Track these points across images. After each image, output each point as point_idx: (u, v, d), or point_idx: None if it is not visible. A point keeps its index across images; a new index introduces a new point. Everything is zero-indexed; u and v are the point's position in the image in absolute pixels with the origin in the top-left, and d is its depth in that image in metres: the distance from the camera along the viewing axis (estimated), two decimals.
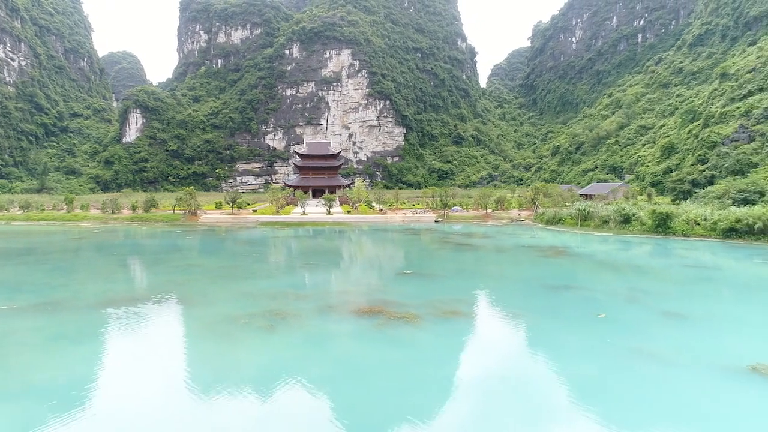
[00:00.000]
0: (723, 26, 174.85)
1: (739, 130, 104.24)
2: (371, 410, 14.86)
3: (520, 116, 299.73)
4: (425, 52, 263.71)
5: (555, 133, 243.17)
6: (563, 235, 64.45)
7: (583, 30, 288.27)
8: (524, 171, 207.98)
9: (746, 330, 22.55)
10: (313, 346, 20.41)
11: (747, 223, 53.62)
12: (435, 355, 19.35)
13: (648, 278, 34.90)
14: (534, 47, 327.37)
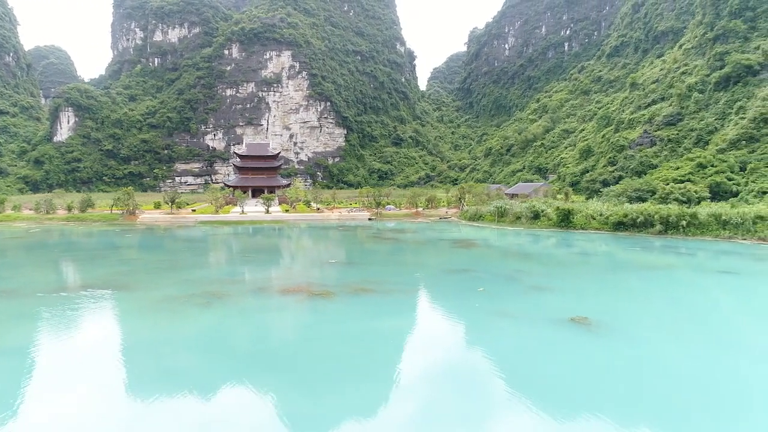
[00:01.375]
0: (636, 39, 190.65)
1: (643, 135, 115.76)
2: (287, 357, 19.76)
3: (458, 119, 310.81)
4: (365, 55, 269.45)
5: (489, 136, 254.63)
6: (482, 230, 71.19)
7: (515, 37, 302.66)
8: (459, 171, 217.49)
9: (582, 297, 29.12)
10: (242, 315, 25.07)
11: (632, 217, 62.08)
12: (341, 318, 24.49)
13: (534, 262, 41.58)
14: (470, 52, 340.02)
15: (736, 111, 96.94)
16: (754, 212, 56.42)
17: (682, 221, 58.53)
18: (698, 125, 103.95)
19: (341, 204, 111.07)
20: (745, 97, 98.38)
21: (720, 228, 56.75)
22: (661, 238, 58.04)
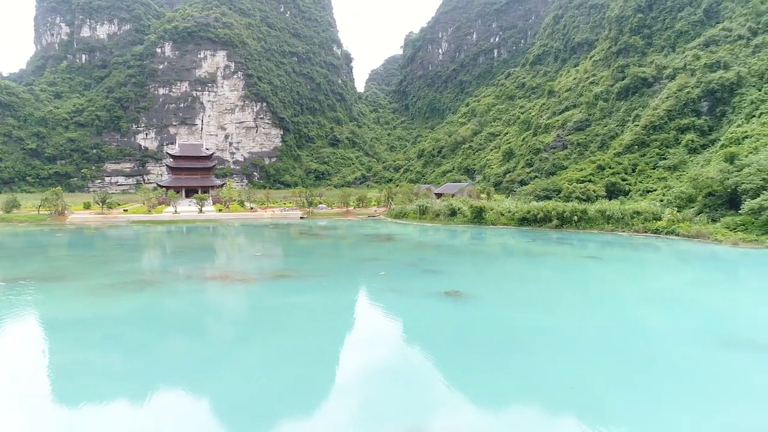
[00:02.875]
0: (556, 49, 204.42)
1: (557, 139, 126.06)
2: (209, 322, 24.23)
3: (394, 120, 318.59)
4: (302, 57, 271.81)
5: (424, 137, 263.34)
6: (405, 227, 77.08)
7: (448, 43, 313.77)
8: (394, 172, 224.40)
9: (463, 277, 35.20)
10: (171, 297, 29.21)
11: (534, 213, 69.89)
12: (257, 295, 29.12)
13: (436, 252, 47.63)
14: (406, 56, 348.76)
15: (633, 119, 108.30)
16: (632, 208, 65.31)
17: (574, 216, 66.78)
18: (602, 131, 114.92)
19: (275, 204, 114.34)
20: (640, 106, 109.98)
21: (605, 222, 65.28)
22: (557, 231, 65.91)
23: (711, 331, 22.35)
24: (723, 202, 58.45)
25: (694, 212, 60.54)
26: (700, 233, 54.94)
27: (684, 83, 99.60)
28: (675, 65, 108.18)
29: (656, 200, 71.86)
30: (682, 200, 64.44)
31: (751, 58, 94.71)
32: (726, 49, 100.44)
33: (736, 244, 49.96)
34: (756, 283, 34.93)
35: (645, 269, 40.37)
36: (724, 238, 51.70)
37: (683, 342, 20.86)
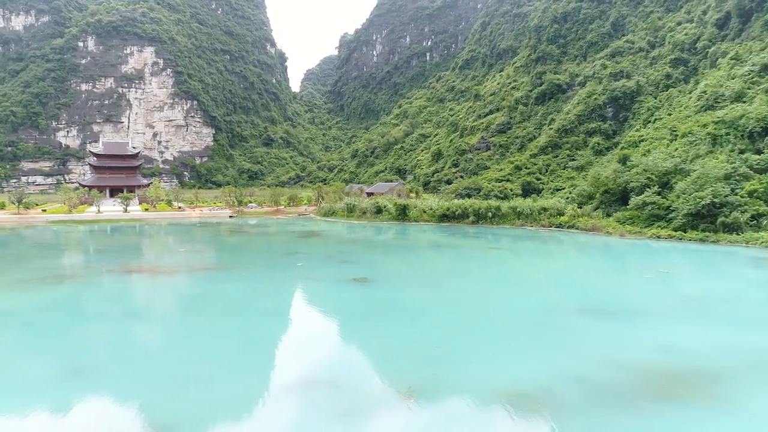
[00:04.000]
0: (483, 54, 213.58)
1: (481, 140, 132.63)
2: (129, 308, 25.94)
3: (329, 120, 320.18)
4: (234, 55, 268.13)
5: (358, 138, 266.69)
6: (333, 224, 79.67)
7: (382, 45, 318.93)
8: (329, 172, 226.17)
9: (372, 266, 38.41)
10: (90, 288, 30.49)
11: (453, 210, 74.44)
12: (178, 286, 30.92)
13: (354, 246, 50.70)
14: (341, 57, 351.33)
15: (549, 122, 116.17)
16: (539, 205, 71.13)
17: (489, 213, 71.85)
18: (522, 133, 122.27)
19: (204, 203, 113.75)
20: (555, 110, 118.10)
21: (516, 218, 70.67)
22: (474, 227, 70.62)
23: (574, 303, 26.54)
24: (616, 198, 64.99)
25: (592, 208, 66.89)
26: (595, 226, 61.08)
27: (592, 90, 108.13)
28: (585, 73, 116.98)
29: (563, 198, 78.25)
30: (584, 197, 70.80)
31: (649, 68, 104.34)
32: (629, 60, 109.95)
33: (623, 235, 56.15)
34: (622, 265, 40.26)
35: (537, 257, 45.17)
36: (614, 230, 57.89)
37: (548, 311, 24.79)
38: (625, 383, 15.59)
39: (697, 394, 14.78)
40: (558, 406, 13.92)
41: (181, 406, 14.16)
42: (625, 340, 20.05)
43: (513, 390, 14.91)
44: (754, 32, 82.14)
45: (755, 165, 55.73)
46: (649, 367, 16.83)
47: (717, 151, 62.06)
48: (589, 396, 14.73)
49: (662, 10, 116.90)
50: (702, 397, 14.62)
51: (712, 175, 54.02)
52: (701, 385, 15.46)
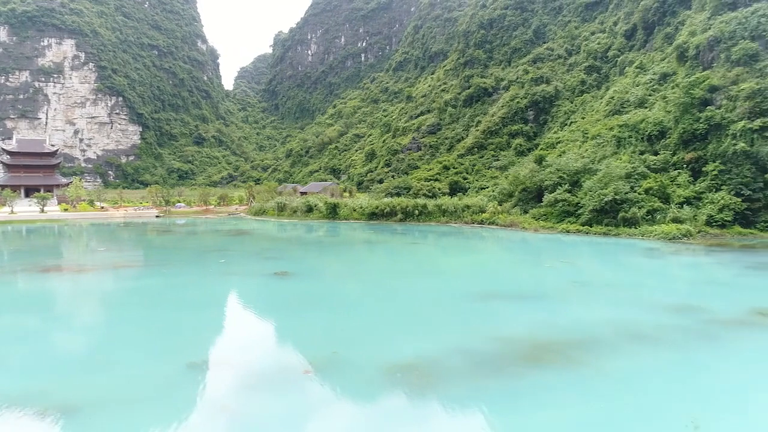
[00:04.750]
0: (416, 57, 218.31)
1: (412, 141, 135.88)
2: (45, 303, 25.73)
3: (263, 119, 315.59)
4: (163, 51, 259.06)
5: (293, 138, 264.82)
6: (264, 223, 79.60)
7: (317, 45, 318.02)
8: (263, 172, 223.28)
9: (295, 261, 39.50)
10: (2, 285, 29.77)
11: (381, 209, 76.41)
12: (97, 282, 30.74)
13: (280, 243, 51.51)
14: (275, 55, 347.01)
15: (476, 124, 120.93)
16: (463, 203, 74.51)
17: (416, 211, 74.37)
18: (451, 134, 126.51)
19: (130, 203, 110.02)
20: (482, 113, 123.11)
21: (441, 215, 73.60)
22: (401, 224, 72.88)
23: (476, 290, 28.76)
24: (533, 196, 69.19)
25: (511, 205, 70.84)
26: (513, 222, 64.85)
27: (515, 94, 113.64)
28: (509, 78, 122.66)
29: (487, 196, 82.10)
30: (504, 195, 74.74)
31: (566, 74, 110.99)
32: (548, 66, 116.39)
33: (537, 230, 60.08)
34: (529, 257, 43.44)
35: (454, 251, 47.79)
36: (529, 225, 61.79)
37: (453, 297, 26.85)
38: (504, 353, 17.69)
39: (562, 360, 17.04)
40: (440, 374, 15.73)
41: (87, 390, 14.83)
42: (513, 319, 22.36)
43: (403, 363, 16.60)
44: (656, 44, 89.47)
45: (652, 165, 61.18)
46: (528, 340, 19.06)
47: (621, 153, 67.43)
48: (470, 364, 16.66)
49: (579, 20, 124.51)
50: (566, 361, 16.89)
51: (614, 174, 58.78)
52: (568, 352, 17.77)
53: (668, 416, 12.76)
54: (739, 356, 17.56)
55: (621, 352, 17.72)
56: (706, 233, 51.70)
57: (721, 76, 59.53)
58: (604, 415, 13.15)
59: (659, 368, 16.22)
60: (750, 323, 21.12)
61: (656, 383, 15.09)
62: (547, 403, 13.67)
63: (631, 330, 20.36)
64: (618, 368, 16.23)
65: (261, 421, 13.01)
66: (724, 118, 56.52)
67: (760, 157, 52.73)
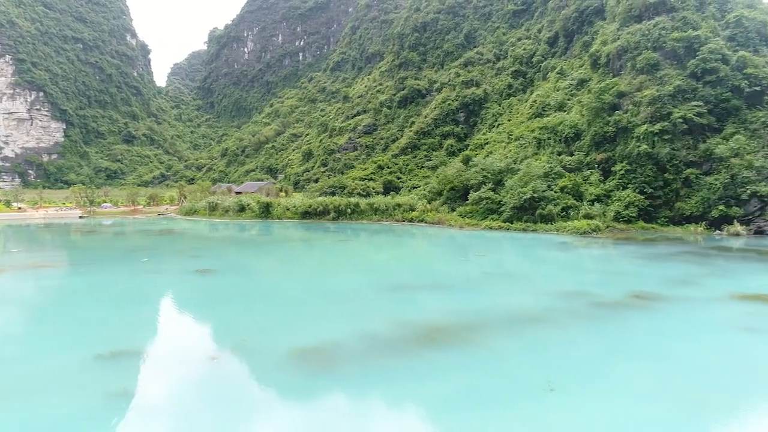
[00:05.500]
0: (353, 57, 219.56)
1: (349, 141, 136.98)
2: None
3: (198, 118, 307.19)
4: (88, 44, 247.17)
5: (229, 136, 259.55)
6: (196, 223, 78.45)
7: (254, 42, 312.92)
8: (197, 171, 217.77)
9: (218, 258, 39.84)
10: None
11: (314, 208, 77.15)
12: (6, 284, 29.97)
13: (209, 242, 51.45)
14: (210, 52, 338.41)
15: (410, 125, 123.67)
16: (395, 202, 76.51)
17: (348, 209, 75.61)
18: (386, 134, 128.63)
19: (51, 203, 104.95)
20: (416, 114, 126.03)
21: (373, 213, 75.24)
22: (334, 222, 73.93)
23: (392, 281, 30.30)
24: (460, 195, 72.05)
25: (439, 203, 73.43)
26: (441, 220, 67.34)
27: (447, 96, 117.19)
28: (442, 80, 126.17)
29: (417, 195, 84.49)
30: (433, 194, 77.31)
31: (495, 78, 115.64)
32: (478, 70, 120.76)
33: (463, 227, 62.77)
34: (449, 252, 45.72)
35: (379, 247, 49.49)
36: (455, 222, 64.44)
37: (368, 288, 28.26)
38: (405, 336, 19.20)
39: (455, 340, 18.74)
40: (340, 355, 17.02)
41: None
42: (421, 307, 24.03)
43: (307, 347, 17.76)
44: (575, 51, 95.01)
45: (568, 165, 65.34)
46: (430, 325, 20.69)
47: (540, 153, 71.50)
48: (371, 346, 18.04)
49: (507, 26, 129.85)
50: (459, 341, 18.60)
51: (533, 173, 62.34)
52: (462, 334, 19.52)
53: (532, 381, 14.64)
54: (605, 331, 19.94)
55: (508, 332, 19.67)
56: (613, 228, 55.89)
57: (628, 83, 64.47)
58: (480, 383, 14.85)
59: (536, 344, 18.25)
60: (625, 305, 23.76)
61: (530, 355, 17.06)
62: (434, 375, 15.24)
63: (523, 313, 22.48)
64: (502, 345, 18.11)
65: (160, 404, 13.80)
66: (629, 122, 61.28)
67: (660, 158, 57.59)
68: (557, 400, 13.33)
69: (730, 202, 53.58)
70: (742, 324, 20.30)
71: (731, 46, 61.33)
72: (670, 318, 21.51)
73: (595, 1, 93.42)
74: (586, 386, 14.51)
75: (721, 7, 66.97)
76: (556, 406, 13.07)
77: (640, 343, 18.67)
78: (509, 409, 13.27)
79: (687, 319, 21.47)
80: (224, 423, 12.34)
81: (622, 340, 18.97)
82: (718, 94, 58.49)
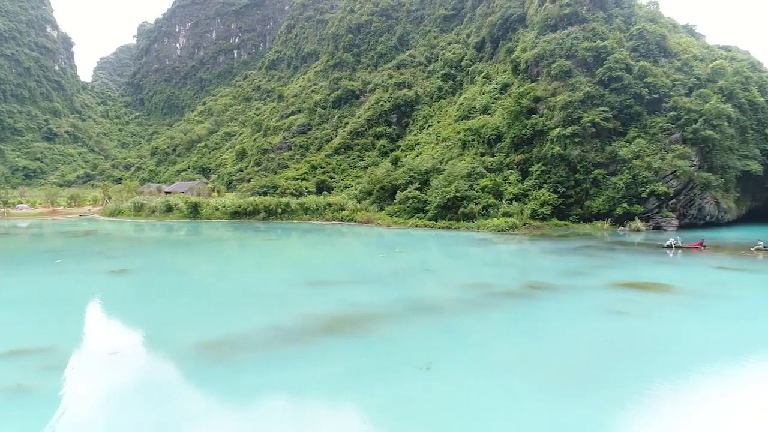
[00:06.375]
0: (289, 56, 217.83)
1: (283, 140, 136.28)
2: None
3: (127, 115, 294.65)
4: (3, 35, 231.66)
5: (160, 135, 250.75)
6: (120, 224, 75.98)
7: (186, 38, 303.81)
8: (125, 170, 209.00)
9: (137, 258, 39.52)
10: None
11: (244, 207, 76.76)
12: None
13: (130, 243, 50.46)
14: (140, 47, 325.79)
15: (344, 125, 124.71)
16: (325, 201, 77.39)
17: (279, 209, 75.80)
18: (320, 134, 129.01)
19: None
20: (350, 114, 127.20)
21: (304, 213, 75.80)
22: (265, 222, 73.85)
23: (308, 278, 31.37)
24: (389, 194, 73.89)
25: (369, 203, 75.04)
26: (370, 219, 68.88)
27: (380, 97, 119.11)
28: (375, 81, 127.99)
29: (349, 195, 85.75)
30: (364, 194, 78.83)
31: (426, 81, 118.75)
32: (410, 72, 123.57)
33: (390, 225, 64.58)
34: (372, 249, 47.30)
35: (304, 246, 50.43)
36: (383, 221, 66.17)
37: (282, 285, 29.24)
38: (309, 327, 20.35)
39: (354, 329, 20.08)
40: (244, 346, 17.96)
41: None
42: (330, 301, 25.22)
43: (212, 340, 18.57)
44: (500, 56, 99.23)
45: (489, 166, 68.56)
46: (334, 316, 21.93)
47: (465, 154, 74.52)
48: (274, 337, 19.07)
49: (438, 30, 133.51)
50: (357, 330, 19.96)
51: (457, 173, 65.05)
52: (361, 324, 20.88)
53: (413, 361, 16.20)
54: (492, 317, 21.94)
55: (404, 321, 21.24)
56: (530, 225, 59.33)
57: (544, 88, 68.49)
58: (366, 364, 16.26)
59: (425, 330, 19.93)
60: (518, 294, 26.00)
61: (416, 340, 18.68)
62: (326, 359, 16.50)
63: (422, 304, 24.20)
64: (393, 332, 19.64)
65: (53, 398, 14.27)
66: (545, 125, 65.16)
67: (571, 160, 61.66)
68: (430, 376, 14.92)
69: (632, 201, 58.25)
70: (612, 308, 22.86)
71: (634, 57, 66.46)
72: (553, 304, 23.84)
73: (518, 10, 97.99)
74: (460, 364, 16.19)
75: (627, 20, 72.29)
76: (427, 381, 14.65)
77: (520, 326, 20.75)
78: (387, 385, 14.72)
79: (567, 305, 23.85)
80: (115, 414, 13.05)
81: (504, 325, 20.98)
82: (622, 101, 63.28)
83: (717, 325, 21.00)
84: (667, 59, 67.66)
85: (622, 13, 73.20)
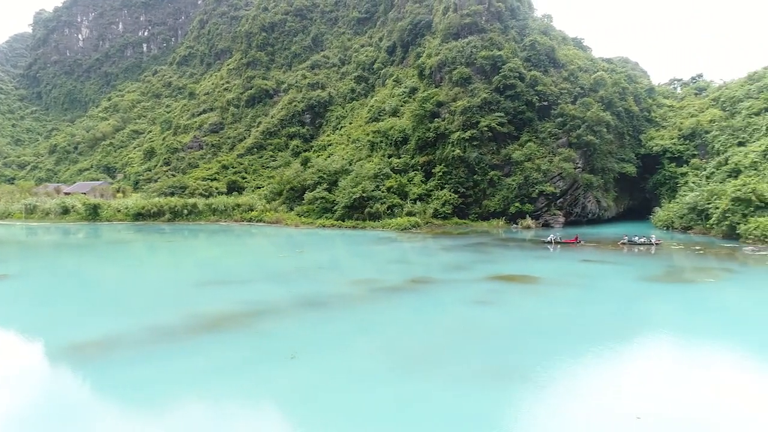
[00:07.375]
0: (202, 52, 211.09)
1: (194, 140, 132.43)
2: None
3: (22, 109, 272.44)
4: None
5: (60, 131, 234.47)
6: (8, 228, 71.27)
7: (89, 29, 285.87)
8: (19, 170, 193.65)
9: (21, 263, 37.89)
10: None
11: (148, 209, 74.51)
12: None
13: (10, 247, 47.85)
14: (36, 36, 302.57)
15: (257, 125, 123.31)
16: (234, 202, 76.96)
17: (185, 210, 74.31)
18: (233, 134, 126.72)
19: None
20: (263, 114, 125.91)
21: (211, 214, 74.79)
22: (170, 224, 72.18)
23: (202, 278, 31.67)
24: (298, 195, 74.54)
25: (279, 203, 75.37)
26: (279, 219, 69.29)
27: (294, 97, 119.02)
28: (289, 81, 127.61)
29: (259, 195, 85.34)
30: (274, 194, 78.96)
31: (339, 82, 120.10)
32: (324, 73, 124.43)
33: (298, 225, 65.38)
34: (274, 249, 48.06)
35: (206, 246, 50.24)
36: (292, 222, 66.85)
37: (176, 285, 29.42)
38: (190, 325, 20.95)
39: (234, 325, 20.93)
40: (119, 345, 18.31)
41: None
42: (218, 299, 25.85)
43: (88, 340, 18.76)
44: (410, 61, 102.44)
45: (395, 167, 71.08)
46: (217, 314, 22.64)
47: (373, 156, 76.64)
48: (152, 336, 19.47)
49: (351, 33, 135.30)
50: (237, 326, 20.81)
51: (364, 174, 66.99)
52: (243, 320, 21.74)
53: (280, 352, 17.44)
54: (369, 310, 23.67)
55: (283, 316, 22.44)
56: (432, 224, 62.38)
57: (446, 93, 71.97)
58: (237, 356, 17.23)
59: (299, 324, 21.24)
60: (400, 288, 27.95)
61: (288, 333, 19.95)
62: (200, 353, 17.30)
63: (307, 300, 25.45)
64: (269, 327, 20.78)
65: None
66: (446, 128, 68.57)
67: (470, 162, 65.37)
68: (293, 364, 16.24)
69: (524, 200, 62.84)
70: (478, 298, 25.27)
71: (527, 66, 71.46)
72: (428, 296, 25.98)
73: (426, 16, 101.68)
74: (324, 353, 17.65)
75: (521, 31, 77.44)
76: (289, 369, 15.96)
77: (390, 318, 22.58)
78: (251, 373, 15.84)
79: (440, 297, 26.06)
80: None
81: (377, 316, 22.73)
82: (516, 107, 67.89)
83: (565, 310, 23.85)
84: (556, 69, 73.33)
85: (517, 24, 78.31)
